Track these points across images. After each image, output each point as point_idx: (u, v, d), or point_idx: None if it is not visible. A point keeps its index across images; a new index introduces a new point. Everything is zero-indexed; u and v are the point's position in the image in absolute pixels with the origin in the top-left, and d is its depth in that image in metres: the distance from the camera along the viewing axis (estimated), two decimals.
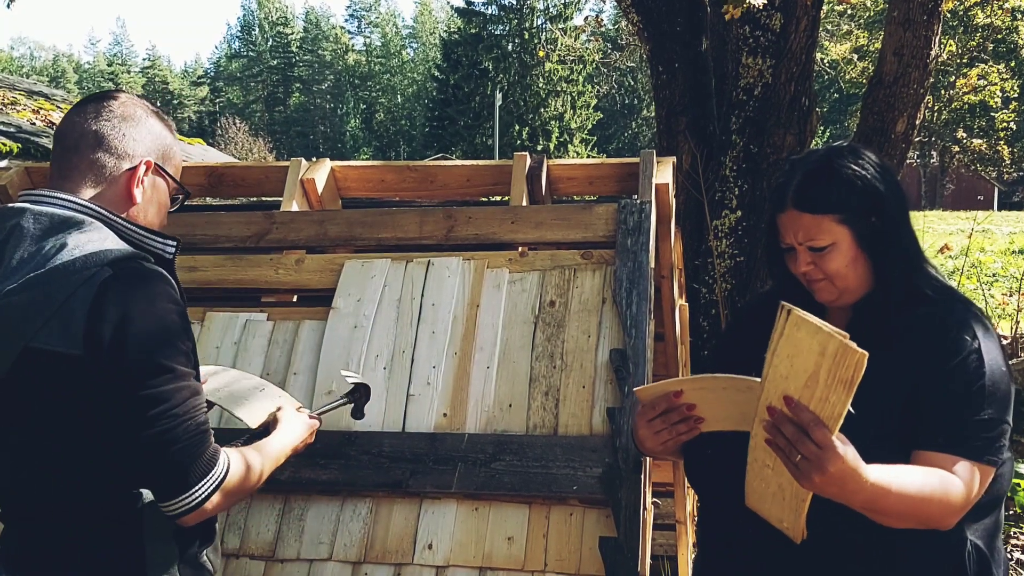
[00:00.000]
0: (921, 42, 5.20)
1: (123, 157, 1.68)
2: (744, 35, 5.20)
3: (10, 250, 1.57)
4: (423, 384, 2.36)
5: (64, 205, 1.61)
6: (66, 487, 1.58)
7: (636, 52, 15.14)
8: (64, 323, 1.50)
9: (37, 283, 1.53)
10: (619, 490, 2.10)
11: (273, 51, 74.70)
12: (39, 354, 1.51)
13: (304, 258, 2.67)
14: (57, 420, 1.55)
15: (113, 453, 1.56)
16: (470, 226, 2.62)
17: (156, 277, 1.59)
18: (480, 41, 45.57)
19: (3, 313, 1.53)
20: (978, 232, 11.86)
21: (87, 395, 1.53)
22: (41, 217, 1.59)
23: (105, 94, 1.75)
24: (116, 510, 1.60)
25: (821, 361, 1.35)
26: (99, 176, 1.66)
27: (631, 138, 56.69)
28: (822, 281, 1.74)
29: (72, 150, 1.67)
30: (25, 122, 9.73)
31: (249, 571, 2.19)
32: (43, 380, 1.53)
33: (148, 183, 1.72)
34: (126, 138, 1.69)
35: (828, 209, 1.70)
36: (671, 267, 3.04)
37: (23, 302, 1.52)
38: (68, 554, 1.60)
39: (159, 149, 1.75)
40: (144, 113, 1.74)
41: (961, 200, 37.47)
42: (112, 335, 1.50)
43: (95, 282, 1.52)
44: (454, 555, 2.15)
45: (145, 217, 1.73)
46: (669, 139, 5.68)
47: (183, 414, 1.56)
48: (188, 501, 1.57)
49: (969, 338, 1.64)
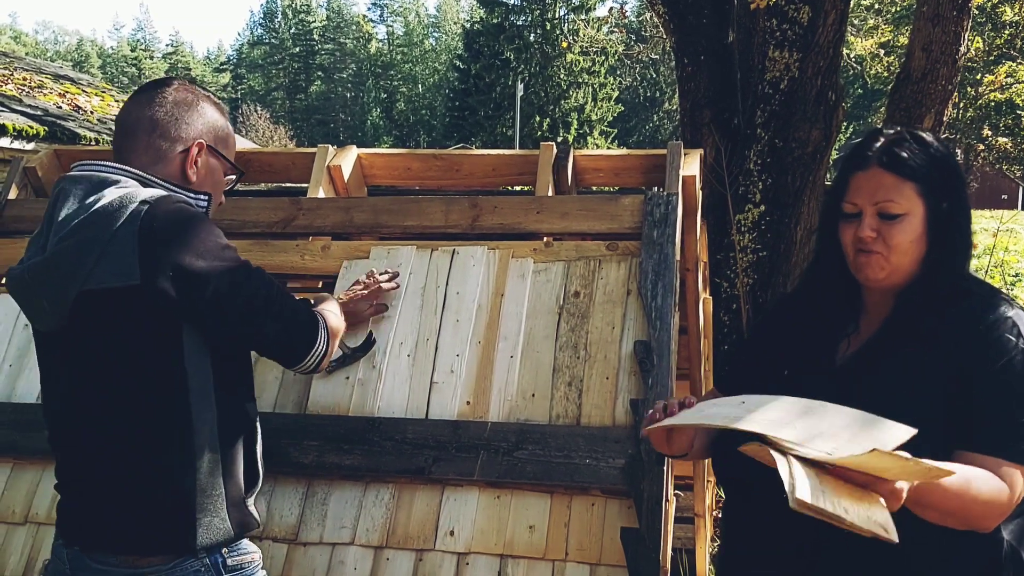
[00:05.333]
0: (950, 38, 5.16)
1: (177, 140, 1.79)
2: (771, 28, 5.16)
3: (58, 210, 1.69)
4: (447, 372, 2.37)
5: (106, 169, 1.73)
6: (126, 419, 1.67)
7: (659, 44, 15.04)
8: (114, 259, 1.60)
9: (80, 227, 1.63)
10: (641, 481, 2.10)
11: (295, 39, 74.83)
12: (95, 295, 1.61)
13: (330, 244, 2.68)
14: (120, 354, 1.65)
15: (175, 377, 1.66)
16: (495, 215, 2.62)
17: (188, 205, 1.73)
18: (502, 31, 45.41)
19: (55, 261, 1.64)
20: (1002, 231, 11.74)
21: (150, 321, 1.63)
22: (82, 180, 1.71)
23: (161, 81, 1.86)
24: (169, 444, 1.68)
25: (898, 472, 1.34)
26: (155, 158, 1.77)
27: (652, 131, 56.42)
28: (877, 255, 1.67)
29: (129, 135, 1.78)
30: (51, 105, 9.80)
31: (272, 554, 2.21)
32: (103, 319, 1.63)
33: (202, 163, 1.82)
34: (179, 122, 1.79)
35: (914, 176, 1.65)
36: (696, 260, 3.03)
37: (70, 248, 1.63)
38: (119, 487, 1.69)
39: (212, 132, 1.85)
40: (196, 98, 1.84)
41: (985, 199, 37.05)
42: (170, 257, 1.61)
43: (136, 216, 1.62)
44: (475, 542, 2.16)
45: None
46: (693, 132, 5.65)
47: (276, 291, 1.77)
48: (318, 352, 1.84)
49: (1014, 337, 1.61)
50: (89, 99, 10.99)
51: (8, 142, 8.04)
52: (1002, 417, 1.57)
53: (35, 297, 1.69)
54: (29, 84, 10.31)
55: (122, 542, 1.68)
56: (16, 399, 2.52)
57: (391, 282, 2.47)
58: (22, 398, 2.52)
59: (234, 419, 1.78)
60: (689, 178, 2.61)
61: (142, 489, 1.68)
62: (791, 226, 5.35)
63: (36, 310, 1.71)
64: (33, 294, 1.69)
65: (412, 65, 73.35)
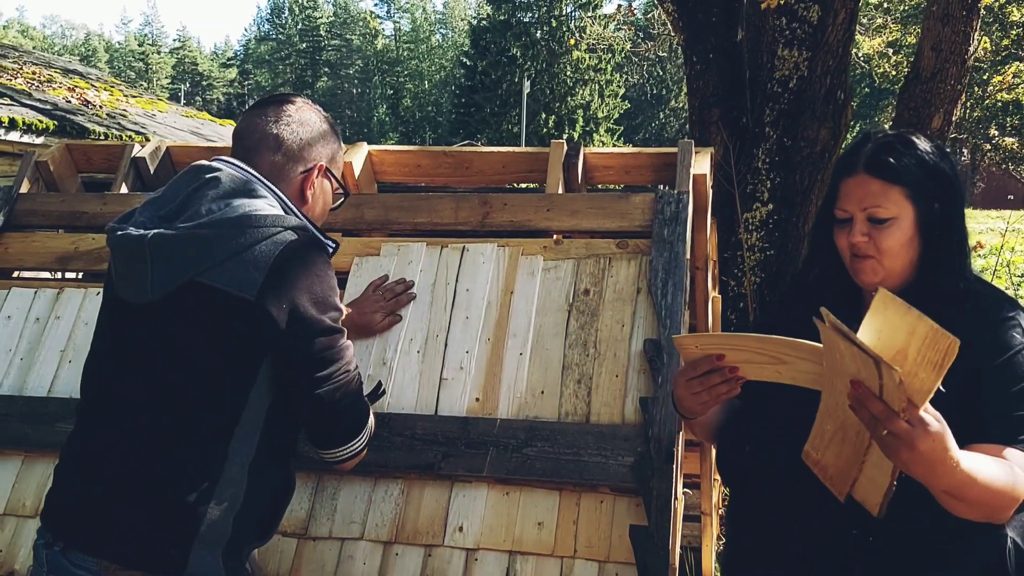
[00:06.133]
0: (959, 37, 5.15)
1: (299, 160, 1.82)
2: (780, 26, 5.16)
3: (201, 196, 1.70)
4: (456, 368, 2.38)
5: (259, 179, 1.75)
6: (166, 418, 1.65)
7: (667, 42, 15.02)
8: (241, 268, 1.61)
9: (222, 225, 1.64)
10: (650, 479, 2.10)
11: (302, 35, 74.93)
12: (203, 289, 1.62)
13: (340, 241, 2.68)
14: (193, 353, 1.64)
15: (234, 400, 1.66)
16: (505, 213, 2.63)
17: (327, 252, 1.75)
18: (509, 28, 45.42)
19: (187, 242, 1.64)
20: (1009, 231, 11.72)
21: (241, 338, 1.63)
22: (237, 177, 1.73)
23: (283, 98, 1.88)
24: (198, 462, 1.65)
25: (911, 340, 1.32)
26: (277, 176, 1.79)
27: (658, 129, 56.39)
28: (870, 259, 1.70)
29: (253, 151, 1.80)
30: (61, 100, 9.83)
31: (282, 548, 2.22)
32: (197, 314, 1.63)
33: (318, 185, 1.86)
34: (302, 142, 1.82)
35: (900, 180, 1.67)
36: (706, 258, 3.03)
37: (208, 237, 1.63)
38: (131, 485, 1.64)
39: (330, 154, 1.89)
40: (318, 119, 1.87)
41: (991, 199, 37.01)
42: (293, 293, 1.63)
43: (281, 241, 1.65)
44: (484, 538, 2.17)
45: (312, 214, 1.87)
46: (702, 130, 5.65)
47: (353, 370, 1.76)
48: (354, 446, 1.81)
49: (1019, 335, 1.63)
50: (98, 93, 11.02)
51: (18, 136, 8.07)
52: (1008, 410, 1.58)
53: (143, 264, 1.64)
54: (39, 78, 10.34)
55: (109, 546, 1.63)
56: (27, 392, 2.53)
57: (406, 294, 2.48)
58: (33, 392, 2.53)
59: (268, 468, 1.75)
60: (700, 176, 2.61)
61: (153, 495, 1.63)
62: (799, 225, 5.34)
63: (135, 276, 1.66)
64: (143, 261, 1.64)
65: (418, 61, 73.40)
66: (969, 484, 1.44)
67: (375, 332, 2.41)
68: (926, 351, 1.32)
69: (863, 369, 1.34)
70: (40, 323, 2.66)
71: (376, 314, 2.41)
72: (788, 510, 1.74)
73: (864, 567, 1.66)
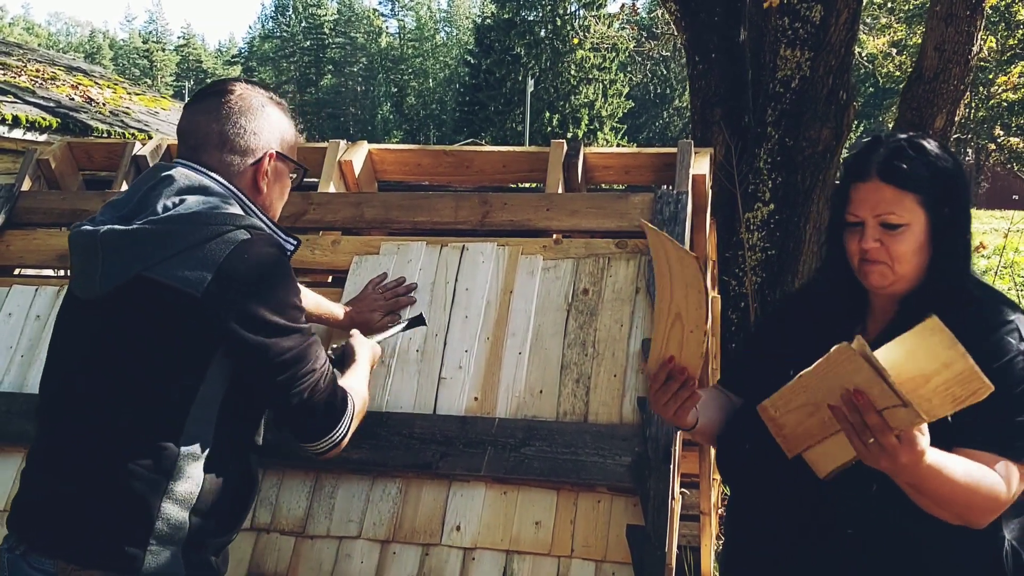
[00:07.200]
0: (963, 37, 5.14)
1: (247, 153, 1.77)
2: (783, 26, 5.15)
3: (156, 195, 1.67)
4: (455, 368, 2.38)
5: (213, 178, 1.72)
6: (119, 412, 1.63)
7: (671, 41, 15.01)
8: (190, 264, 1.59)
9: (173, 222, 1.62)
10: (648, 479, 2.11)
11: (306, 32, 74.94)
12: (151, 284, 1.59)
13: (340, 239, 2.69)
14: (143, 347, 1.62)
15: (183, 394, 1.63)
16: (505, 212, 2.63)
17: (280, 251, 1.72)
18: (513, 26, 45.42)
19: (137, 237, 1.62)
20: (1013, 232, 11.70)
21: (188, 333, 1.61)
22: (192, 176, 1.70)
23: (222, 87, 1.81)
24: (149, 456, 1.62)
25: (941, 371, 1.32)
26: (228, 172, 1.75)
27: (662, 127, 56.36)
28: (880, 264, 1.69)
29: (199, 149, 1.75)
30: (64, 97, 9.84)
31: (279, 546, 2.23)
32: (146, 308, 1.61)
33: (271, 171, 1.80)
34: (248, 133, 1.76)
35: (914, 187, 1.66)
36: (705, 259, 3.03)
37: (158, 232, 1.61)
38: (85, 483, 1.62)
39: (279, 136, 1.82)
40: (259, 102, 1.80)
41: (996, 199, 36.91)
42: (242, 292, 1.60)
43: (232, 240, 1.62)
44: (482, 537, 2.17)
45: (271, 203, 1.84)
46: (704, 129, 5.65)
47: (319, 368, 1.71)
48: (333, 439, 1.76)
49: (1015, 340, 1.62)
50: (101, 91, 11.03)
51: (21, 133, 8.09)
52: (1000, 415, 1.57)
53: (95, 259, 1.64)
54: (42, 76, 10.36)
55: (66, 547, 1.60)
56: (28, 389, 2.54)
57: (407, 296, 2.48)
58: (34, 389, 2.52)
59: (225, 462, 1.71)
60: (699, 177, 2.62)
61: (109, 493, 1.61)
62: (800, 225, 5.34)
63: (88, 271, 1.66)
64: (95, 256, 1.64)
65: (423, 60, 73.40)
66: (932, 477, 1.45)
67: (374, 331, 2.41)
68: (953, 386, 1.32)
69: (874, 387, 1.34)
70: (41, 321, 2.67)
71: (375, 312, 2.41)
72: (784, 509, 1.74)
73: (860, 567, 1.66)
